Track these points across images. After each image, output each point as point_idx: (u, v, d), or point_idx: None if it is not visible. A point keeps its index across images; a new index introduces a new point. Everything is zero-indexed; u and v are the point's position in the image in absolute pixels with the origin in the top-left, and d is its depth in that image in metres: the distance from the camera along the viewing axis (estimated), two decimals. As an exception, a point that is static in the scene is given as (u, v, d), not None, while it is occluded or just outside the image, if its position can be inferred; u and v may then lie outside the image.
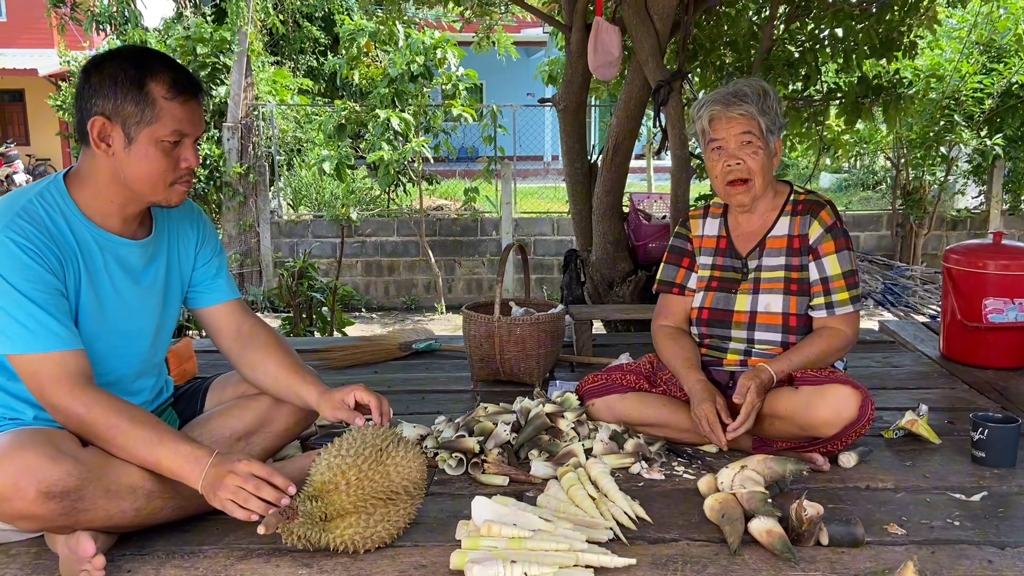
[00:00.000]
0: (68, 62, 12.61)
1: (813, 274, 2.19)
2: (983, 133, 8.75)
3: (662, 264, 2.42)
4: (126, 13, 9.04)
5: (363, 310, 9.56)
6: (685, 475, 2.07)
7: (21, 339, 1.56)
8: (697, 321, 2.31)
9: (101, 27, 9.19)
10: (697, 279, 2.34)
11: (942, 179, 9.38)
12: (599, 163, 4.43)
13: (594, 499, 1.85)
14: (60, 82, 13.94)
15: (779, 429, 2.10)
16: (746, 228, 2.29)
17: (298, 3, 12.77)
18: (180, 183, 1.71)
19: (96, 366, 1.67)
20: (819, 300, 2.18)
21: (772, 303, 2.20)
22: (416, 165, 9.48)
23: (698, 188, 5.70)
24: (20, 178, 16.30)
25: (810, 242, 2.19)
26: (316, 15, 14.11)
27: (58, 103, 11.86)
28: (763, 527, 1.67)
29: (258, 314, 6.95)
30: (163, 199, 1.71)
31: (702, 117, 2.19)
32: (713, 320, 2.27)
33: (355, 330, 6.00)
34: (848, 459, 2.09)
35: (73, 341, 1.61)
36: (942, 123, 8.46)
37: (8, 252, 1.56)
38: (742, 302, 2.23)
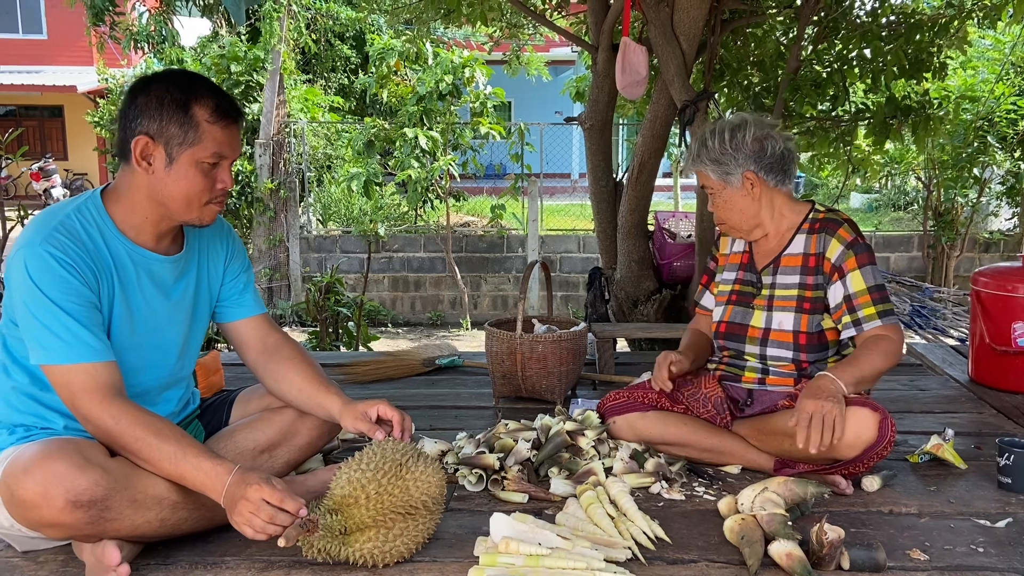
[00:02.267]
0: (106, 79, 12.90)
1: (837, 295, 2.15)
2: (1016, 155, 8.63)
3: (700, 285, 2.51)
4: (163, 32, 9.25)
5: (389, 325, 9.62)
6: (706, 496, 2.06)
7: (55, 350, 1.61)
8: (716, 334, 2.35)
9: (139, 46, 9.41)
10: (719, 294, 2.38)
11: (975, 200, 9.26)
12: (624, 181, 4.45)
13: (613, 518, 1.84)
14: (98, 99, 14.26)
15: (798, 450, 2.08)
16: (764, 247, 2.31)
17: (330, 23, 12.98)
18: (214, 203, 1.77)
19: (126, 377, 1.70)
20: (846, 319, 2.13)
21: (784, 320, 2.20)
22: (443, 182, 9.56)
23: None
24: (57, 192, 16.66)
25: (832, 262, 2.16)
26: (347, 34, 14.32)
27: (96, 119, 12.13)
28: (783, 550, 1.66)
29: (285, 328, 6.99)
30: (196, 218, 1.76)
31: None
32: (729, 334, 2.30)
33: (381, 345, 6.04)
34: (871, 483, 2.06)
35: (105, 353, 1.65)
36: (975, 144, 8.37)
37: (46, 265, 1.61)
38: (758, 318, 2.25)
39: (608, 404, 2.35)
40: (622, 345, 4.66)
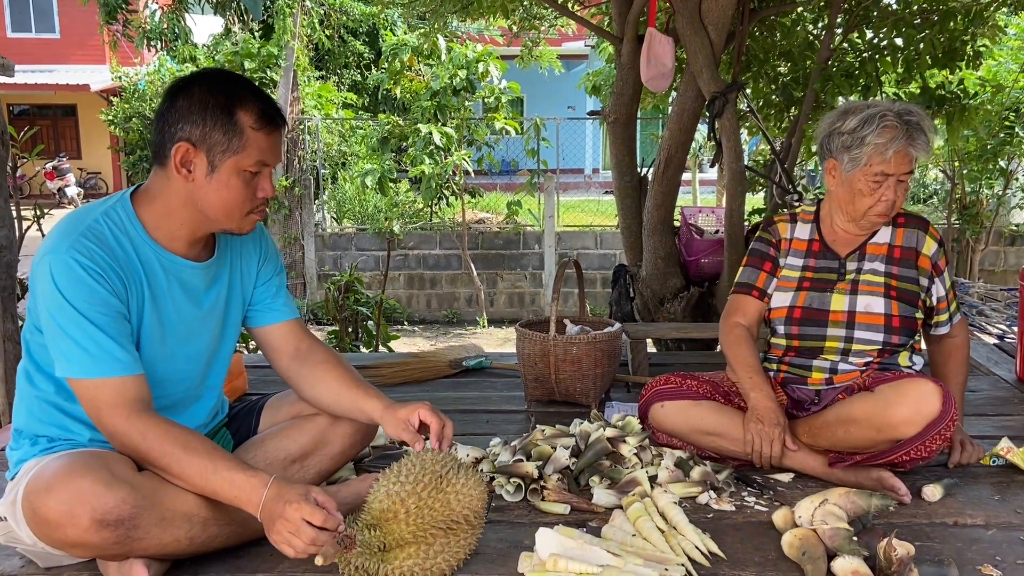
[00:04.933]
0: (120, 78, 12.89)
1: (940, 291, 2.18)
2: (1044, 145, 8.46)
3: (741, 268, 2.33)
4: (176, 30, 9.20)
5: (405, 323, 9.55)
6: (756, 506, 1.96)
7: (81, 363, 1.52)
8: (787, 320, 2.20)
9: (152, 44, 9.37)
10: (783, 280, 2.24)
11: (1000, 193, 9.09)
12: (649, 176, 4.34)
13: (663, 532, 1.75)
14: (112, 97, 14.24)
15: (855, 436, 1.98)
16: (843, 235, 2.21)
17: (343, 18, 12.91)
18: (255, 212, 1.69)
19: (155, 388, 1.63)
20: (944, 317, 2.21)
21: (873, 304, 2.12)
22: (458, 178, 9.47)
23: (752, 202, 5.57)
24: (71, 191, 16.68)
25: (930, 259, 2.16)
26: (360, 30, 14.25)
27: (110, 118, 12.10)
28: (849, 567, 1.56)
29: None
30: (236, 228, 1.69)
31: (882, 144, 2.00)
32: (807, 319, 2.18)
33: (399, 344, 5.96)
34: (933, 492, 1.95)
35: (134, 366, 1.56)
36: (1001, 135, 8.20)
37: (73, 274, 1.52)
38: (839, 301, 2.15)
39: (658, 388, 2.22)
40: (648, 344, 4.56)
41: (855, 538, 1.65)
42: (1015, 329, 4.14)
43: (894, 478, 1.95)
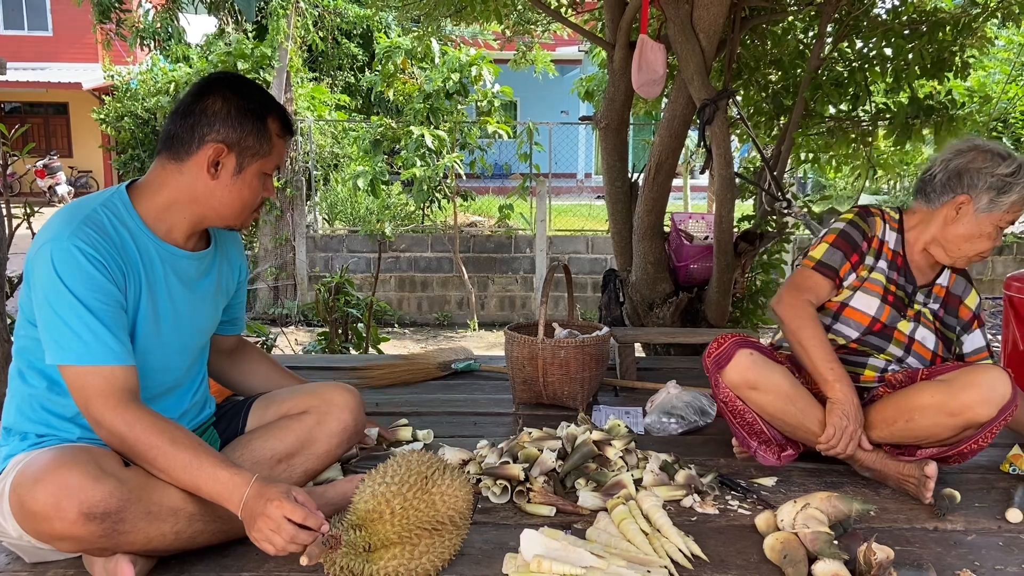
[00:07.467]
0: (112, 77, 12.84)
1: (978, 340, 2.26)
2: (1032, 156, 8.53)
3: (826, 245, 2.20)
4: (169, 29, 9.19)
5: (396, 325, 9.55)
6: (740, 510, 1.98)
7: (74, 350, 1.53)
8: (867, 328, 2.19)
9: (145, 43, 9.35)
10: (871, 283, 2.19)
11: (988, 202, 9.15)
12: (640, 182, 4.36)
13: (646, 534, 1.77)
14: (104, 96, 14.18)
15: (918, 425, 2.00)
16: (919, 261, 2.23)
17: (337, 20, 12.91)
18: (257, 211, 1.79)
19: (144, 379, 1.64)
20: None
21: (927, 339, 2.21)
22: (450, 181, 9.49)
23: (741, 208, 5.60)
24: (62, 189, 16.63)
25: (973, 311, 2.26)
26: (354, 32, 14.26)
27: (101, 117, 12.04)
28: (829, 570, 1.58)
29: (291, 328, 7.03)
30: (240, 224, 1.79)
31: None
32: (882, 333, 2.20)
33: (389, 346, 5.96)
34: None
35: (126, 356, 1.58)
36: (989, 145, 8.26)
37: (73, 261, 1.53)
38: (904, 326, 2.21)
39: (739, 338, 2.13)
40: (637, 348, 4.58)
41: (836, 542, 1.67)
42: (1000, 338, 4.18)
43: (935, 474, 1.96)
